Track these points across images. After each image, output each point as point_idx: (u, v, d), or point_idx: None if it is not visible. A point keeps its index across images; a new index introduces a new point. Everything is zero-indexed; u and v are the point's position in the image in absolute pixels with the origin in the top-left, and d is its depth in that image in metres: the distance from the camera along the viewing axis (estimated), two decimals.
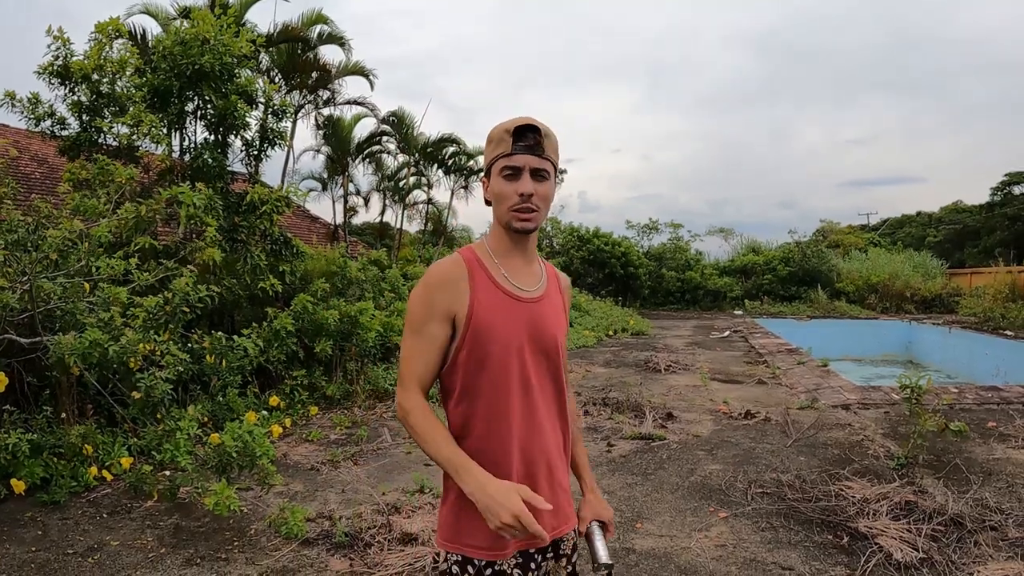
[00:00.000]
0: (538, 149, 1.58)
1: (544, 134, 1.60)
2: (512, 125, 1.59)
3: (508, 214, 1.60)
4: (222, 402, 6.24)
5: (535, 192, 1.58)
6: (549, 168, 1.61)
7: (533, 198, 1.58)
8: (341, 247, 10.05)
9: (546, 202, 1.62)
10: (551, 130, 1.64)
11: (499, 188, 1.60)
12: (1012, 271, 17.86)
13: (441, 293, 1.60)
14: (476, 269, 1.63)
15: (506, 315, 1.61)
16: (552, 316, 1.69)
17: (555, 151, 1.64)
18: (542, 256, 1.82)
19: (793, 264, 23.09)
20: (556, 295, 1.75)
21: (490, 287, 1.62)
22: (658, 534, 4.02)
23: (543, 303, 1.68)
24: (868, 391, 7.99)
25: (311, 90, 12.73)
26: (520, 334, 1.61)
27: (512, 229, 1.61)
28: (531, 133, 1.58)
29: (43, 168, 11.05)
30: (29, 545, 3.90)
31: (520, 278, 1.67)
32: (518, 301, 1.63)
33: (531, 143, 1.58)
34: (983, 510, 4.19)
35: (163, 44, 7.20)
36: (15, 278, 4.89)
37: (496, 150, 1.61)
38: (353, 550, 3.82)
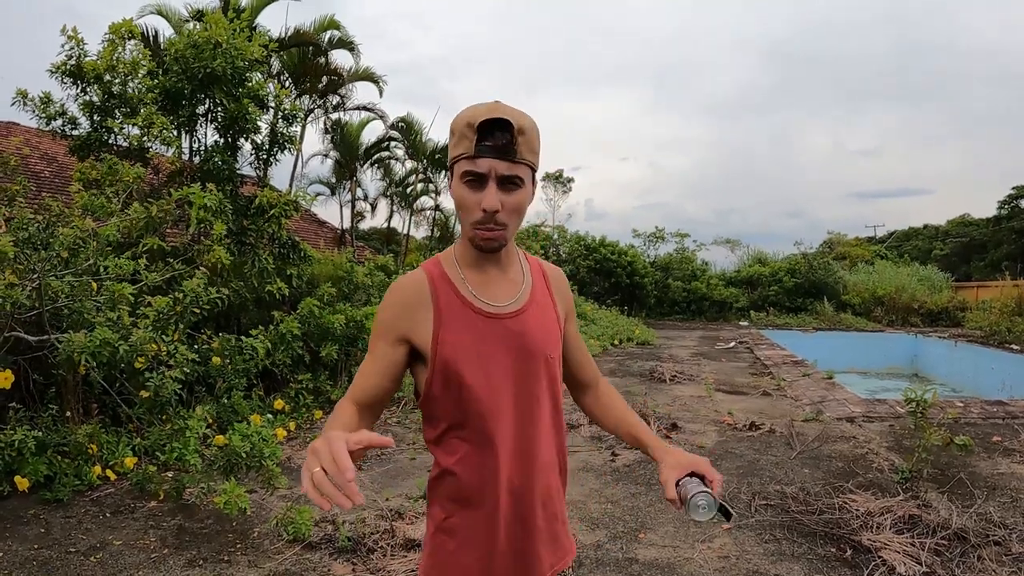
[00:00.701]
0: (509, 152, 1.27)
1: (518, 130, 1.27)
2: (476, 118, 1.26)
3: (471, 229, 1.34)
4: (227, 404, 6.25)
5: (502, 206, 1.29)
6: (523, 174, 1.30)
7: (499, 214, 1.29)
8: (348, 252, 10.06)
9: (517, 214, 1.34)
10: (529, 122, 1.32)
11: (460, 196, 1.32)
12: (1019, 285, 17.79)
13: (397, 315, 1.40)
14: (441, 287, 1.40)
15: (479, 338, 1.37)
16: (539, 327, 1.44)
17: (533, 150, 1.33)
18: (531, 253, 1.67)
19: (799, 276, 23.06)
20: (544, 298, 1.50)
21: (457, 307, 1.38)
22: (661, 544, 4.01)
23: (526, 315, 1.43)
24: (873, 404, 7.97)
25: (321, 95, 12.79)
26: (499, 357, 1.38)
27: (476, 246, 1.36)
28: (500, 131, 1.26)
29: (52, 167, 11.12)
30: (31, 543, 3.91)
31: (492, 291, 1.42)
32: (492, 319, 1.39)
33: (500, 143, 1.26)
34: (987, 525, 4.17)
35: (175, 46, 7.25)
36: (24, 275, 4.92)
37: (457, 148, 1.31)
38: (356, 555, 3.82)
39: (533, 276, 1.51)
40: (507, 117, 1.25)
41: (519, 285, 1.46)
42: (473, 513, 1.39)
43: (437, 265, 1.44)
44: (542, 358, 1.43)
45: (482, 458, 1.39)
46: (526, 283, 1.48)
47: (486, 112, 1.26)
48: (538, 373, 1.42)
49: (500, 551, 1.41)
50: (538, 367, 1.42)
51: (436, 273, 1.42)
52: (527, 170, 1.32)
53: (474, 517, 1.40)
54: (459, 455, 1.40)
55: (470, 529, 1.40)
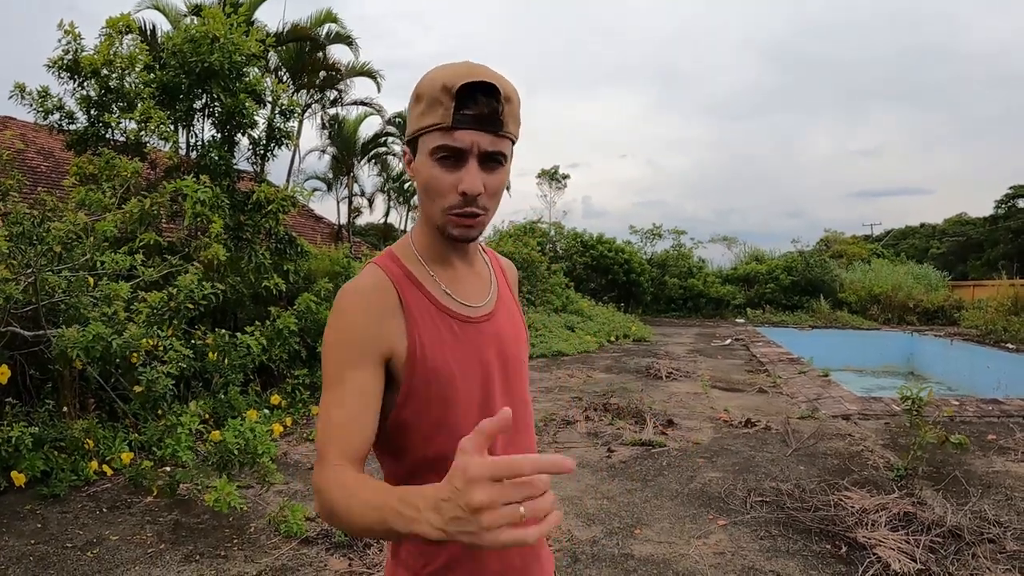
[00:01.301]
0: (494, 123, 1.04)
1: (505, 96, 1.05)
2: (456, 81, 1.02)
3: (443, 216, 1.09)
4: (224, 400, 6.25)
5: (484, 188, 1.06)
6: (506, 150, 1.08)
7: (480, 197, 1.06)
8: (345, 247, 10.06)
9: (497, 198, 1.11)
10: (513, 88, 1.09)
11: (430, 176, 1.07)
12: (1015, 284, 17.82)
13: (367, 328, 1.08)
14: (407, 288, 1.14)
15: (460, 346, 1.15)
16: (510, 329, 1.25)
17: (517, 121, 1.11)
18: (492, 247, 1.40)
19: (796, 273, 23.09)
20: (508, 296, 1.30)
21: (431, 312, 1.14)
22: (657, 540, 4.02)
23: (499, 316, 1.23)
24: (869, 402, 7.99)
25: (319, 90, 12.78)
26: (483, 367, 1.16)
27: (447, 236, 1.12)
28: (485, 96, 1.03)
29: (49, 162, 11.09)
30: (28, 538, 3.91)
31: (465, 289, 1.20)
32: (470, 323, 1.17)
33: (485, 112, 1.03)
34: (982, 522, 4.19)
35: (173, 41, 7.23)
36: (19, 270, 4.91)
37: (426, 116, 1.06)
38: (352, 550, 3.82)
39: (494, 272, 1.30)
40: (493, 81, 1.03)
41: (488, 282, 1.26)
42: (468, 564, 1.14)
43: (395, 261, 1.18)
44: (517, 362, 1.24)
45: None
46: (492, 281, 1.28)
47: (467, 74, 1.02)
48: (515, 379, 1.23)
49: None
50: (515, 373, 1.23)
51: (397, 272, 1.16)
52: (509, 145, 1.10)
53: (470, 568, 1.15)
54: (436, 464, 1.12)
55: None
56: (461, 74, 1.02)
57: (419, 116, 1.07)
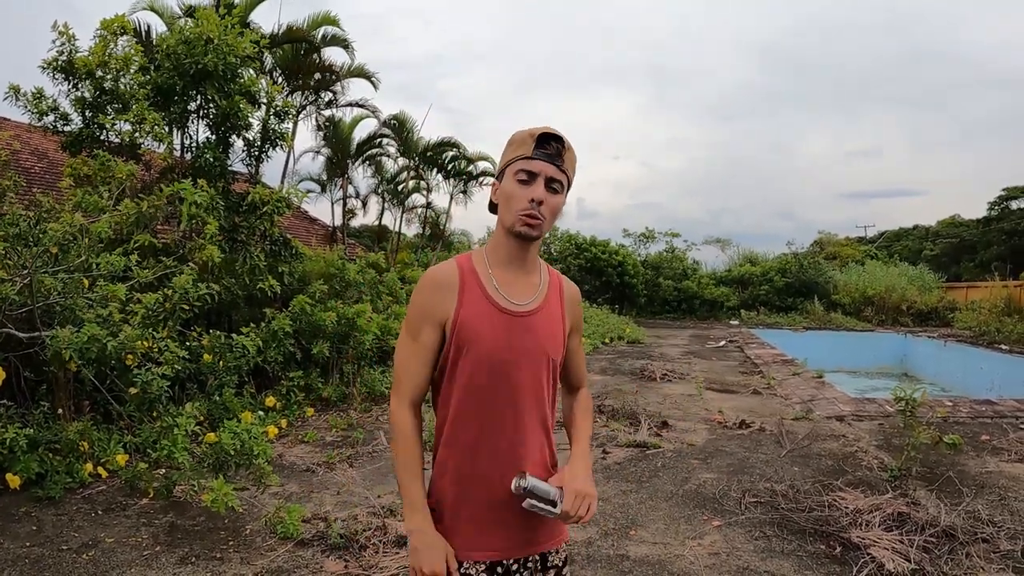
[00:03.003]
0: (557, 159, 1.57)
1: (566, 147, 1.59)
2: (537, 131, 1.58)
3: (515, 216, 1.57)
4: (219, 402, 6.24)
5: (545, 201, 1.56)
6: (564, 181, 1.59)
7: (542, 206, 1.55)
8: (340, 249, 10.06)
9: (553, 214, 1.60)
10: (572, 145, 1.63)
11: (511, 190, 1.57)
12: (1008, 285, 17.92)
13: (433, 298, 1.61)
14: (468, 277, 1.62)
15: (492, 328, 1.59)
16: (545, 330, 1.65)
17: (572, 166, 1.64)
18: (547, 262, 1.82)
19: (790, 275, 23.17)
20: (555, 307, 1.70)
21: (479, 298, 1.61)
22: (652, 541, 4.03)
23: (537, 317, 1.65)
24: (863, 403, 8.02)
25: (314, 91, 12.75)
26: (506, 348, 1.59)
27: (515, 233, 1.58)
28: (554, 142, 1.57)
29: (43, 163, 11.05)
30: (23, 540, 3.90)
31: (513, 289, 1.64)
32: (506, 314, 1.61)
33: (552, 152, 1.57)
34: (975, 522, 4.21)
35: (167, 43, 7.22)
36: (15, 272, 4.90)
37: (515, 152, 1.59)
38: (348, 552, 3.83)
39: (550, 286, 1.71)
40: (556, 132, 1.58)
41: (536, 289, 1.68)
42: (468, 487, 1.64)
43: (468, 260, 1.66)
44: (544, 357, 1.64)
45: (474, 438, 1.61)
46: (542, 290, 1.69)
47: (545, 128, 1.58)
48: (539, 369, 1.63)
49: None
50: (540, 364, 1.63)
51: (466, 266, 1.64)
52: (566, 180, 1.60)
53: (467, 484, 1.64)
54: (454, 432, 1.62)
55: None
56: (541, 128, 1.58)
57: (511, 152, 1.60)
